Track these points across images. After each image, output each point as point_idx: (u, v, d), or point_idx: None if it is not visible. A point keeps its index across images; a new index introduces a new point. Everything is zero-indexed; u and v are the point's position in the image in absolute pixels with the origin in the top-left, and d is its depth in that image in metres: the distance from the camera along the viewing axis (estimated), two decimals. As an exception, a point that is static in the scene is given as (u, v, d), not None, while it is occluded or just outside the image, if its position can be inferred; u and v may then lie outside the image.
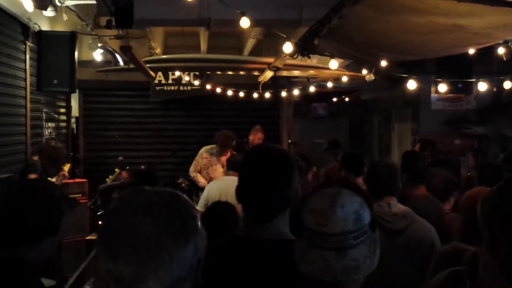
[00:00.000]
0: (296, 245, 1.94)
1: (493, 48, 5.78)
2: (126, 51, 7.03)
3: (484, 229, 1.69)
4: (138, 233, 1.34)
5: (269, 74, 8.51)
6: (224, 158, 8.24)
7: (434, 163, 6.51)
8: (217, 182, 6.39)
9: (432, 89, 10.49)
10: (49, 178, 6.73)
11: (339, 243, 1.82)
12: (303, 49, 5.70)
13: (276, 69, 7.84)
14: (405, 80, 7.13)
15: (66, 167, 7.34)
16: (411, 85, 6.78)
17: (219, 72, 10.78)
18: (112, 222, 1.40)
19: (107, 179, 8.50)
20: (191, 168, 8.62)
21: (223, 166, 8.21)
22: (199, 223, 1.45)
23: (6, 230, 2.26)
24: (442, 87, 7.28)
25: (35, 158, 6.87)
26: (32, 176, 6.37)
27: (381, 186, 3.90)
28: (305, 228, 1.91)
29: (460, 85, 8.94)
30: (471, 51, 5.88)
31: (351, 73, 8.88)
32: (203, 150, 8.66)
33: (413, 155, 5.18)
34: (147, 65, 8.46)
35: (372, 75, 7.96)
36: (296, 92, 11.35)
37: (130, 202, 1.42)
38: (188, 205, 1.47)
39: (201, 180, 8.38)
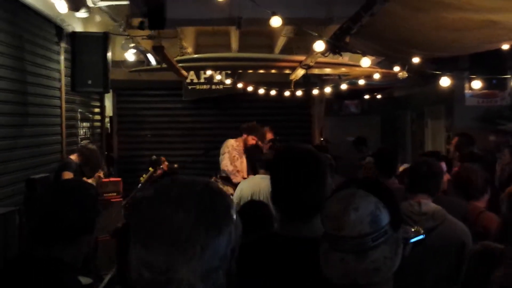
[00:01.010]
0: (320, 249, 1.93)
1: (527, 43, 5.69)
2: (158, 51, 7.09)
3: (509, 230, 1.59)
4: (170, 224, 1.35)
5: (300, 72, 8.50)
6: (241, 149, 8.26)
7: (470, 159, 6.41)
8: (249, 181, 6.38)
9: (466, 85, 10.36)
10: (84, 178, 6.84)
11: (357, 246, 1.79)
12: (334, 47, 5.69)
13: (308, 67, 7.83)
14: (438, 77, 7.05)
15: (101, 173, 7.45)
16: (445, 82, 6.70)
17: (250, 71, 10.80)
18: (145, 211, 1.41)
19: (141, 178, 8.58)
20: (227, 162, 8.34)
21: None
22: (233, 212, 1.45)
23: (43, 228, 2.31)
24: (476, 84, 7.18)
25: (73, 157, 6.97)
26: (67, 173, 6.47)
27: (419, 183, 3.92)
28: (324, 232, 1.91)
29: (494, 81, 8.82)
30: (505, 46, 5.79)
31: (383, 70, 8.82)
32: (232, 141, 8.56)
33: (432, 155, 5.06)
34: (179, 64, 8.52)
35: (405, 73, 7.90)
36: (327, 89, 11.30)
37: (164, 192, 1.43)
38: (221, 194, 1.47)
39: (238, 175, 8.18)
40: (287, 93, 10.78)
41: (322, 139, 12.50)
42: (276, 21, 5.36)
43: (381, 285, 1.86)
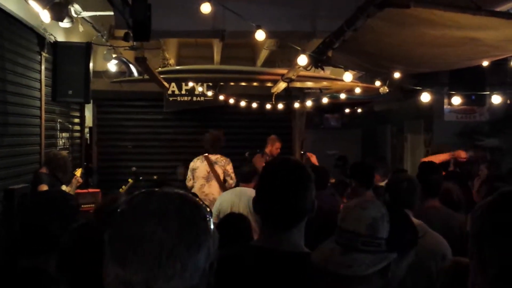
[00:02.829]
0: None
1: (506, 60, 5.77)
2: (141, 62, 7.07)
3: (473, 246, 1.61)
4: (149, 240, 1.30)
5: (282, 85, 8.54)
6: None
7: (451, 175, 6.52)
8: (229, 193, 6.41)
9: (445, 100, 10.48)
10: (64, 186, 6.79)
11: (347, 241, 1.90)
12: (317, 61, 5.72)
13: (290, 80, 7.86)
14: (418, 92, 7.12)
15: (78, 172, 7.38)
16: (425, 98, 6.77)
17: (232, 83, 10.82)
18: (122, 226, 1.35)
19: (121, 189, 8.53)
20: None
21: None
22: (211, 224, 1.41)
23: (27, 240, 2.29)
24: (456, 100, 7.27)
25: (43, 170, 6.90)
26: (43, 186, 6.41)
27: (400, 199, 3.97)
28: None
29: (473, 97, 8.92)
30: (485, 63, 5.87)
31: (365, 85, 8.88)
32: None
33: (429, 168, 5.14)
34: (161, 76, 8.51)
35: (386, 88, 7.95)
36: (309, 103, 11.36)
37: (141, 205, 1.37)
38: (199, 207, 1.42)
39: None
40: (268, 106, 10.82)
41: (302, 152, 12.53)
42: (260, 35, 5.39)
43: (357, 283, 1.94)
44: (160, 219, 1.32)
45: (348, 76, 6.32)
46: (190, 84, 11.35)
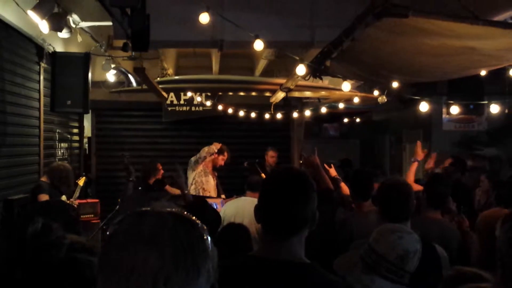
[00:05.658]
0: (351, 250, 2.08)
1: (504, 69, 5.78)
2: (139, 72, 7.08)
3: (499, 259, 1.57)
4: (142, 269, 1.20)
5: (280, 95, 8.54)
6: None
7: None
8: (234, 203, 6.40)
9: (444, 110, 10.51)
10: (63, 196, 6.77)
11: (372, 262, 1.91)
12: (315, 70, 5.73)
13: (288, 90, 7.86)
14: (416, 101, 7.14)
15: (81, 181, 7.38)
16: (424, 107, 6.78)
17: (230, 93, 10.83)
18: (112, 253, 1.26)
19: (119, 199, 8.51)
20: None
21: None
22: (209, 243, 1.31)
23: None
24: (454, 109, 7.28)
25: (43, 179, 6.89)
26: (42, 195, 6.40)
27: (394, 210, 3.53)
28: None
29: (471, 107, 8.95)
30: (483, 72, 5.89)
31: (363, 94, 8.89)
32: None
33: (438, 179, 5.01)
34: (160, 86, 8.52)
35: (384, 98, 7.96)
36: (307, 112, 11.37)
37: (131, 230, 1.27)
38: (195, 226, 1.32)
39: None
40: (267, 116, 10.83)
41: (301, 161, 12.52)
42: (258, 45, 5.41)
43: None
44: (153, 245, 1.23)
45: (346, 86, 6.33)
46: (189, 94, 11.37)
